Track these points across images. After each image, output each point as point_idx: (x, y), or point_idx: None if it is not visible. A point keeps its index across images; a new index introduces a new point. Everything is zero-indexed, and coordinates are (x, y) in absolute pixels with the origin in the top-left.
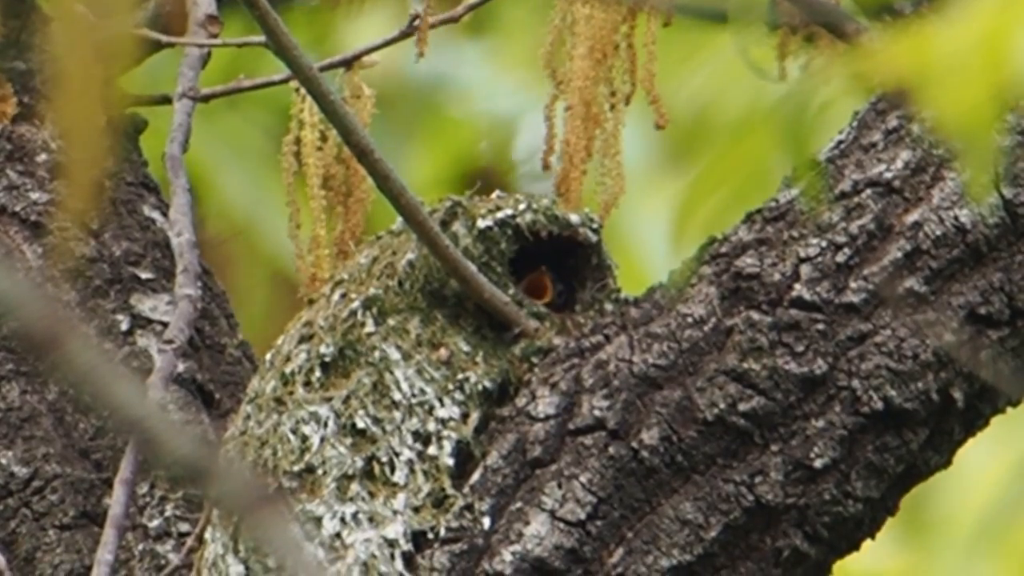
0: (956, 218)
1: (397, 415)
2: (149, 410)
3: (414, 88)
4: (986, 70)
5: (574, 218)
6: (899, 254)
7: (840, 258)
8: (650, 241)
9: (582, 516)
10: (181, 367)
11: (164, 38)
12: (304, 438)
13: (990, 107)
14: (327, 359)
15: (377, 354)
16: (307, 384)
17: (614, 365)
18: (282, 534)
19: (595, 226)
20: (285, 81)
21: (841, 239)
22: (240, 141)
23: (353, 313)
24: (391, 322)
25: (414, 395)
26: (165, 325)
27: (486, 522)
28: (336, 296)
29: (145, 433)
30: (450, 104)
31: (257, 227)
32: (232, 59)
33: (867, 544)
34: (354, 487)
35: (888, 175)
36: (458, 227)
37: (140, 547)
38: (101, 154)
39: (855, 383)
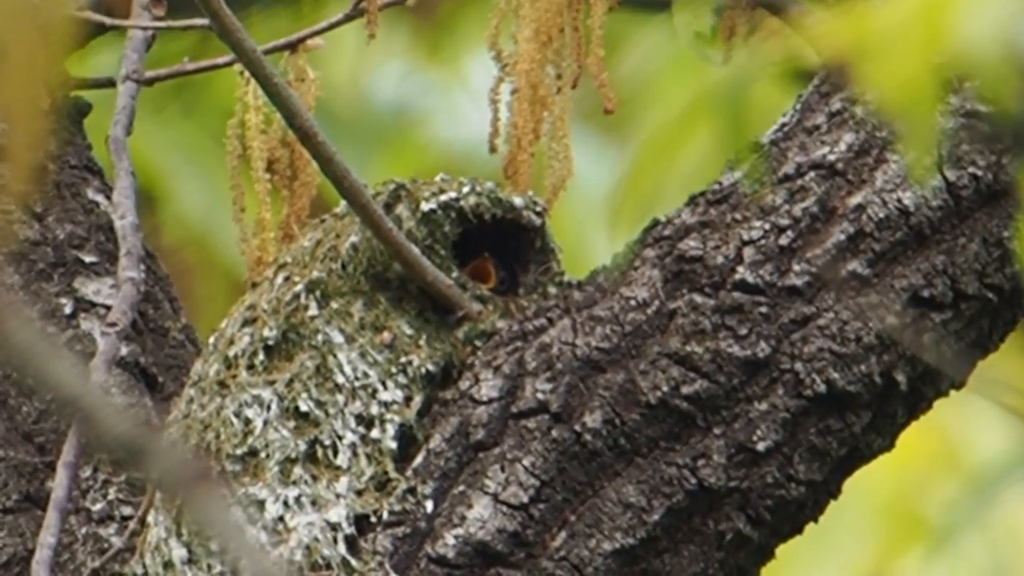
0: (899, 201)
1: (340, 398)
2: (86, 388)
3: (377, 112)
4: (924, 43)
5: (518, 201)
6: (842, 237)
7: (783, 241)
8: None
9: (525, 499)
10: (124, 350)
11: (108, 20)
12: (247, 421)
13: (928, 80)
14: (270, 342)
15: (320, 337)
16: (250, 367)
17: (557, 348)
18: (225, 517)
19: (539, 209)
20: (229, 64)
21: (784, 222)
22: (194, 148)
23: (296, 296)
24: (334, 305)
25: (357, 378)
26: (108, 308)
27: (429, 505)
28: (279, 279)
29: (82, 411)
30: (412, 129)
31: (214, 233)
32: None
33: None
34: (297, 470)
35: (831, 157)
36: (401, 210)
37: (83, 530)
38: (43, 136)
39: (798, 366)
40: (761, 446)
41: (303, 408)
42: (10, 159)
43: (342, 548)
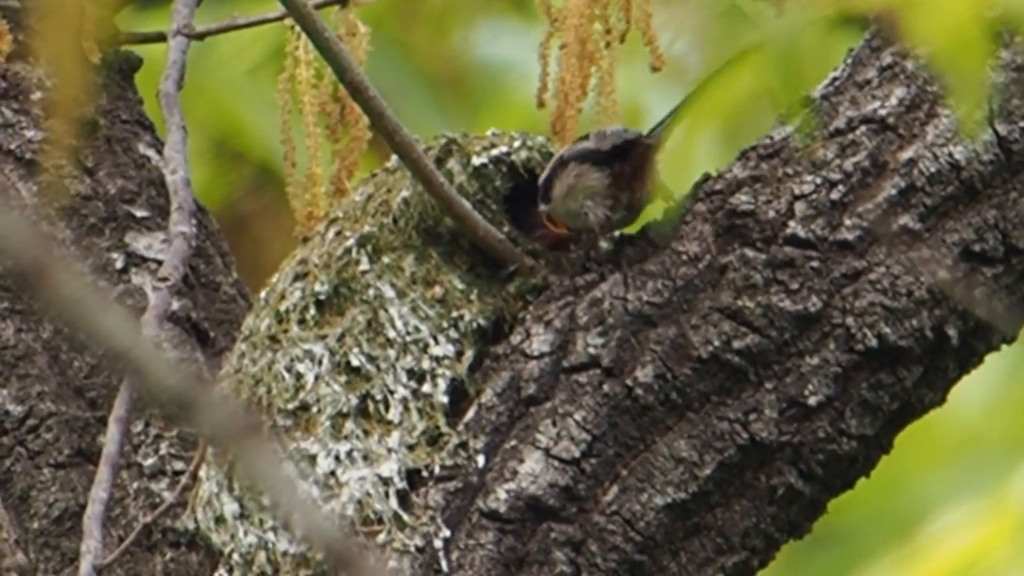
0: (950, 155)
1: (391, 353)
2: (137, 343)
3: (479, 71)
4: None
5: None
6: (893, 191)
7: (834, 195)
8: None
9: (576, 454)
10: (176, 305)
11: None
12: (298, 376)
13: (979, 34)
14: (321, 297)
15: (372, 292)
16: (301, 322)
17: (608, 303)
18: (276, 472)
19: None
20: (280, 18)
21: (835, 176)
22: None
23: (348, 251)
24: (386, 260)
25: (408, 333)
26: (160, 263)
27: (480, 460)
28: (331, 234)
29: (134, 366)
30: (515, 87)
31: None
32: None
33: None
34: (348, 425)
35: (882, 112)
36: (453, 164)
37: (135, 485)
38: (92, 91)
39: (849, 320)
40: (812, 400)
41: (354, 363)
42: (59, 114)
43: (394, 502)
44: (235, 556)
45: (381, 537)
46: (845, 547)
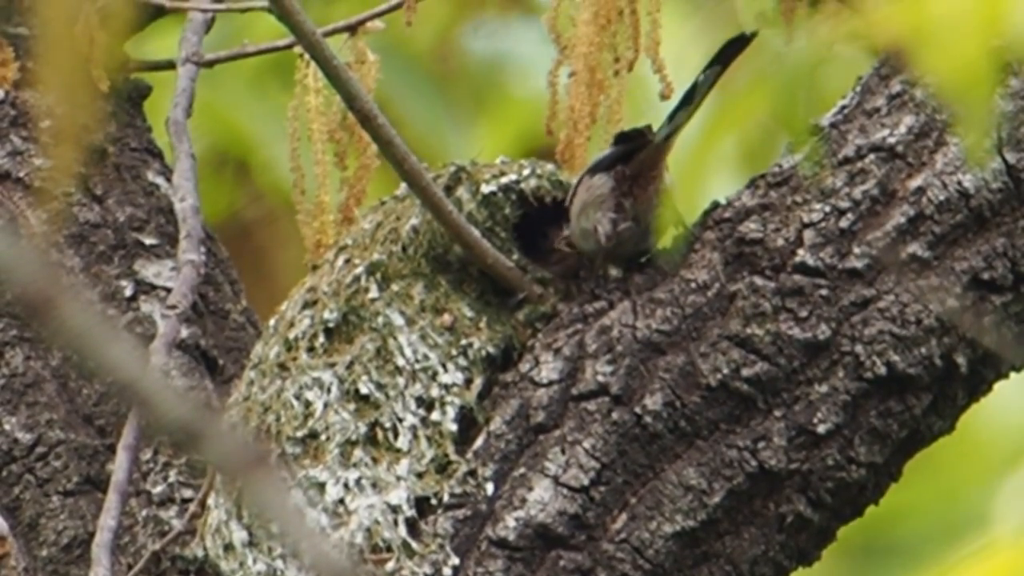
0: (959, 183)
1: (400, 381)
2: (146, 371)
3: (475, 67)
4: (982, 25)
5: None
6: (902, 219)
7: (843, 223)
8: None
9: (585, 482)
10: (184, 333)
11: (168, 3)
12: (307, 404)
13: (986, 63)
14: (331, 325)
15: (381, 320)
16: (311, 350)
17: (617, 330)
18: (285, 500)
19: None
20: (289, 47)
21: (844, 204)
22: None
23: (357, 279)
24: (395, 287)
25: (417, 361)
26: (169, 290)
27: (489, 488)
28: (340, 261)
29: (142, 394)
30: (511, 83)
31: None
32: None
33: None
34: (357, 453)
35: (891, 140)
36: (462, 192)
37: (143, 513)
38: (101, 118)
39: (858, 348)
40: (822, 428)
41: (363, 390)
42: (69, 141)
43: (403, 530)
44: None
45: (390, 565)
46: (903, 558)
